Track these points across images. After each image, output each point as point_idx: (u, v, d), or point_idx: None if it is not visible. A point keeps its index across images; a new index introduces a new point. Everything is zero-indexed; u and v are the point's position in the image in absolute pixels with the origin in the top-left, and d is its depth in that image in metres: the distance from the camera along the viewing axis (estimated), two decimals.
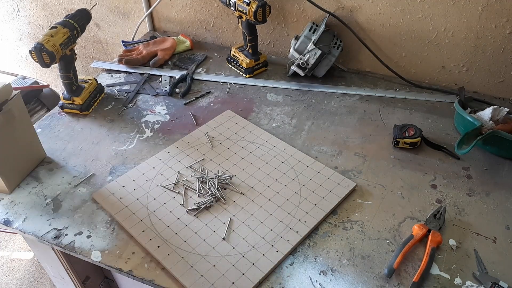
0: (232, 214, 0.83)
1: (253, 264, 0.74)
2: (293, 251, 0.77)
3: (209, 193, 0.87)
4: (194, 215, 0.83)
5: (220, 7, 1.34)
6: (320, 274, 0.73)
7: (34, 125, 1.06)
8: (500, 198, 0.88)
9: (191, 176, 0.91)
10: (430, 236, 0.77)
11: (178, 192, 0.88)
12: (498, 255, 0.76)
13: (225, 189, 0.88)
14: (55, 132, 1.05)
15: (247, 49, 1.24)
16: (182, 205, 0.85)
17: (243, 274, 0.72)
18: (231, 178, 0.91)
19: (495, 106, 1.00)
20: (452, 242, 0.79)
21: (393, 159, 0.97)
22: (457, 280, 0.72)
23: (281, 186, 0.89)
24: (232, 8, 1.17)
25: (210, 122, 1.07)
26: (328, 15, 1.20)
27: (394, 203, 0.86)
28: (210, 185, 0.88)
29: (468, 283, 0.72)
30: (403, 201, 0.87)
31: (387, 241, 0.79)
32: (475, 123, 0.94)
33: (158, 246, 0.77)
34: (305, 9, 1.24)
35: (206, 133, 1.03)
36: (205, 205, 0.84)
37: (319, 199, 0.86)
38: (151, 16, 1.47)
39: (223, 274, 0.72)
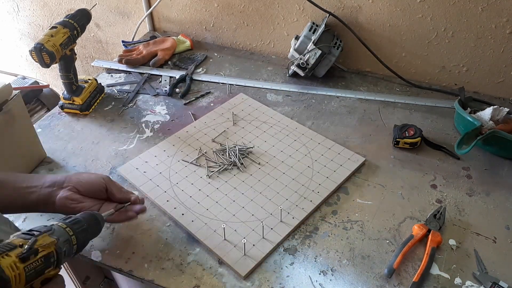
0: (250, 186, 0.89)
1: (272, 228, 0.80)
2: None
3: (229, 162, 0.94)
4: (212, 174, 0.91)
5: (220, 7, 1.34)
6: (320, 274, 0.73)
7: (34, 125, 1.06)
8: (500, 198, 0.88)
9: (213, 151, 0.97)
10: (430, 236, 0.77)
11: (200, 165, 0.94)
12: (498, 255, 0.77)
13: (243, 158, 0.95)
14: (55, 132, 1.05)
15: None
16: (208, 175, 0.91)
17: (262, 237, 0.78)
18: (251, 147, 0.98)
19: (495, 106, 1.00)
20: (452, 242, 0.79)
21: (393, 159, 0.97)
22: (457, 280, 0.72)
23: (295, 161, 0.95)
24: None
25: (225, 104, 1.13)
26: (328, 15, 1.20)
27: (394, 203, 0.86)
28: (230, 154, 0.95)
29: (468, 283, 0.72)
30: (403, 201, 0.87)
31: (387, 241, 0.79)
32: (475, 123, 0.94)
33: (182, 214, 0.83)
34: (305, 9, 1.24)
35: (230, 109, 1.10)
36: (224, 166, 0.92)
37: (331, 172, 0.92)
38: (151, 16, 1.47)
39: (244, 237, 0.77)
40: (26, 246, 0.51)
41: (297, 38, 1.20)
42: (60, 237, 0.58)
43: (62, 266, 0.59)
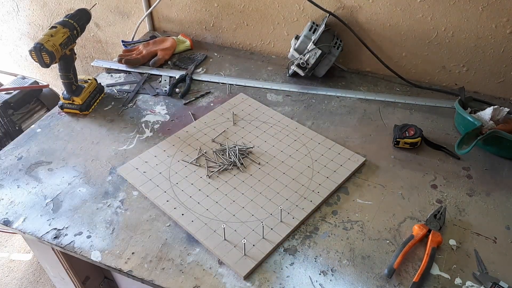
0: (250, 186, 0.89)
1: (272, 228, 0.80)
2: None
3: (229, 162, 0.94)
4: (212, 174, 0.91)
5: (220, 7, 1.34)
6: (320, 274, 0.73)
7: (34, 125, 1.06)
8: (501, 198, 0.88)
9: (213, 151, 0.97)
10: (430, 236, 0.77)
11: (200, 165, 0.94)
12: (498, 255, 0.76)
13: (243, 158, 0.95)
14: (55, 132, 1.05)
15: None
16: (208, 175, 0.91)
17: (263, 237, 0.78)
18: (251, 147, 0.98)
19: (496, 106, 1.00)
20: (452, 242, 0.79)
21: (393, 159, 0.97)
22: (457, 280, 0.72)
23: (295, 161, 0.95)
24: None
25: (225, 104, 1.12)
26: (328, 14, 1.20)
27: (394, 203, 0.86)
28: (230, 154, 0.95)
29: (468, 283, 0.72)
30: (403, 201, 0.87)
31: (387, 241, 0.79)
32: (475, 123, 0.94)
33: (182, 214, 0.83)
34: (305, 9, 1.24)
35: (230, 110, 1.10)
36: (224, 166, 0.92)
37: (331, 172, 0.92)
38: (151, 16, 1.47)
39: (244, 238, 0.78)
40: None
41: (297, 38, 1.20)
42: None
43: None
